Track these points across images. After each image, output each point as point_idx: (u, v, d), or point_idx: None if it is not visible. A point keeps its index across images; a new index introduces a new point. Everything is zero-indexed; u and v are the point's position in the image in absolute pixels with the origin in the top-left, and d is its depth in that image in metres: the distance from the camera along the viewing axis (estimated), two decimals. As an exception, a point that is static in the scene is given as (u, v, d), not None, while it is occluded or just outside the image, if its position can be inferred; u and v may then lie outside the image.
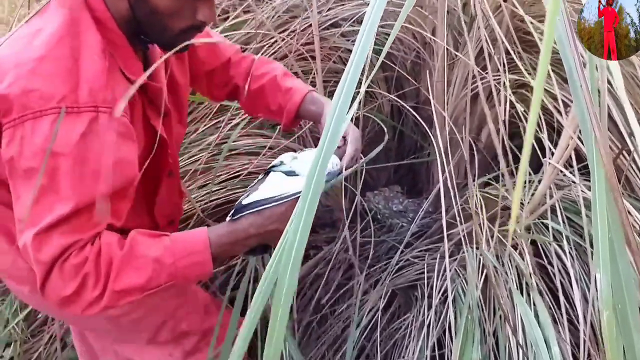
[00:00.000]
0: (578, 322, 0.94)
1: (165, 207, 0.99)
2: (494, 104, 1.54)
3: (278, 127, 1.52)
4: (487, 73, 1.38)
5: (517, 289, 0.98)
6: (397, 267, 1.25)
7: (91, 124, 0.77)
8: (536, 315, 0.86)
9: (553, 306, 1.01)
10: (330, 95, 1.72)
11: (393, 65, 1.68)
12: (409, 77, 1.67)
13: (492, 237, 1.04)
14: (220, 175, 1.47)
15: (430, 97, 1.46)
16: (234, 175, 1.48)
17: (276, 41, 1.54)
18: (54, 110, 0.76)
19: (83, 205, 0.77)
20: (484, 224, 1.04)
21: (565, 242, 1.05)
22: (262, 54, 1.57)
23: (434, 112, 1.43)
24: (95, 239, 0.80)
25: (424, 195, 1.89)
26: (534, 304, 0.90)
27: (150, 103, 0.91)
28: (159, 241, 0.83)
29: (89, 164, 0.77)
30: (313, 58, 1.57)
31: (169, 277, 0.81)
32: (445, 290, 1.06)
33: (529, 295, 0.95)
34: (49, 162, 0.75)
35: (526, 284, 0.98)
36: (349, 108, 0.53)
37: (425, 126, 1.45)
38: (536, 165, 1.25)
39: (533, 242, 1.09)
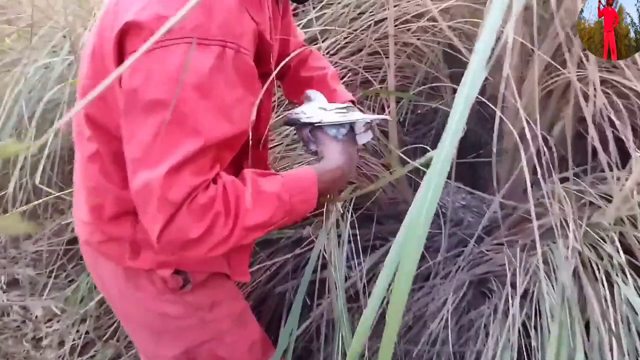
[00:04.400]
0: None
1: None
2: (568, 99, 1.53)
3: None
4: (565, 69, 1.37)
5: (604, 285, 0.99)
6: (470, 260, 1.26)
7: (219, 59, 0.73)
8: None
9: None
10: (399, 90, 1.74)
11: (463, 59, 1.69)
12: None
13: (579, 228, 1.04)
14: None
15: (504, 91, 1.46)
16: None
17: (348, 36, 1.58)
18: (185, 40, 0.71)
19: (210, 142, 0.73)
20: (569, 217, 1.04)
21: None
22: (332, 49, 1.61)
23: (492, 108, 1.44)
24: (216, 179, 0.78)
25: (488, 191, 1.90)
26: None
27: (258, 59, 0.86)
28: (274, 178, 0.83)
29: (216, 99, 0.74)
30: (385, 53, 1.59)
31: (285, 214, 0.82)
32: (527, 286, 1.07)
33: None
34: (179, 94, 0.70)
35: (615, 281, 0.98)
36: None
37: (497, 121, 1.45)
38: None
39: (620, 238, 1.08)
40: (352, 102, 1.13)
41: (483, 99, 1.74)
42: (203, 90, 0.72)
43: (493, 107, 1.62)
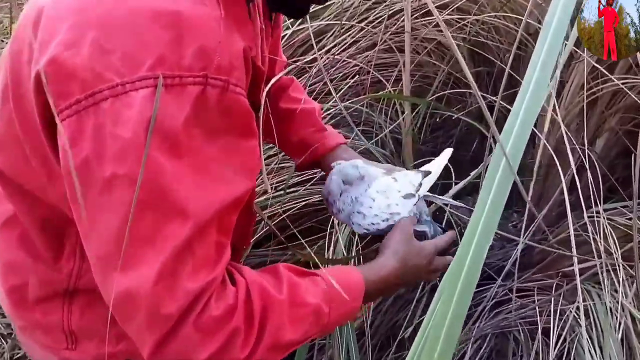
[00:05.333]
0: None
1: (242, 224, 0.72)
2: (615, 109, 1.31)
3: (358, 127, 1.35)
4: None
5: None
6: (492, 302, 1.07)
7: (197, 103, 0.53)
8: None
9: None
10: (415, 92, 1.54)
11: (490, 59, 1.47)
12: (510, 73, 1.46)
13: (630, 281, 0.83)
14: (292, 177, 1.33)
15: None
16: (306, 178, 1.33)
17: (360, 30, 1.37)
18: (144, 83, 0.51)
19: (203, 220, 0.53)
20: (617, 261, 0.84)
21: None
22: (343, 45, 1.41)
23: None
24: (233, 274, 0.59)
25: (512, 209, 1.68)
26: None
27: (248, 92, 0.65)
28: (315, 283, 0.64)
29: (199, 158, 0.54)
30: (400, 50, 1.39)
31: (319, 332, 0.64)
32: (564, 342, 0.87)
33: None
34: (147, 163, 0.50)
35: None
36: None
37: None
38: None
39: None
40: (344, 144, 0.94)
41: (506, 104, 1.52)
42: (179, 150, 0.52)
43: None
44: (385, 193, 0.77)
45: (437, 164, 0.89)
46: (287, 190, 1.23)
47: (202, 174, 0.54)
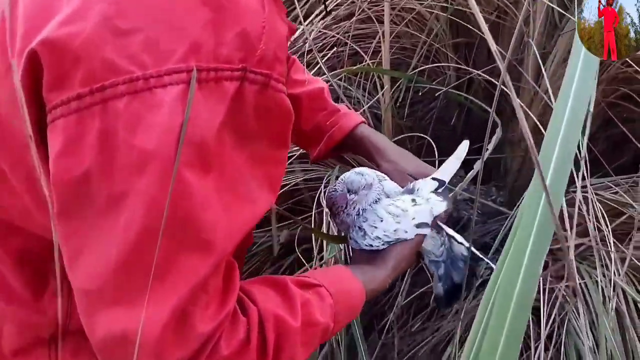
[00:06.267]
0: None
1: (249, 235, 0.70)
2: (597, 81, 1.29)
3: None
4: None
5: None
6: (480, 280, 1.04)
7: (234, 104, 0.43)
8: None
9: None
10: (394, 64, 1.48)
11: (470, 28, 1.42)
12: (487, 43, 1.41)
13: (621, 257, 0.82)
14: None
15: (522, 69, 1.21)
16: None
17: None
18: (174, 77, 0.40)
19: (227, 251, 0.45)
20: (608, 239, 0.82)
21: None
22: (319, 14, 1.33)
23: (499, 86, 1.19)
24: (243, 301, 0.51)
25: (493, 182, 1.67)
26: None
27: None
28: (321, 298, 0.57)
29: (230, 176, 0.44)
30: (379, 20, 1.32)
31: (320, 342, 0.59)
32: (553, 322, 0.86)
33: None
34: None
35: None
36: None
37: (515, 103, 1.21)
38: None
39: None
40: (363, 122, 0.84)
41: (488, 77, 1.49)
42: (209, 163, 0.42)
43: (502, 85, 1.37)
44: (398, 218, 0.68)
45: (454, 161, 0.79)
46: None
47: (229, 190, 0.44)
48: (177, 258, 0.42)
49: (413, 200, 0.70)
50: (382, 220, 0.67)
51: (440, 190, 0.72)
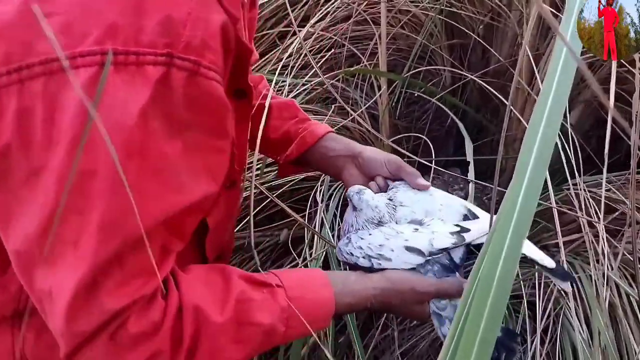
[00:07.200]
0: None
1: (219, 233, 0.64)
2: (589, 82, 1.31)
3: (334, 104, 1.31)
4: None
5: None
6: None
7: (159, 88, 0.44)
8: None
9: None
10: (390, 65, 1.50)
11: (464, 30, 1.44)
12: (483, 45, 1.44)
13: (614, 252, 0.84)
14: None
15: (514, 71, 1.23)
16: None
17: (334, 1, 1.32)
18: (88, 59, 0.42)
19: (138, 235, 0.45)
20: (601, 235, 0.84)
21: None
22: (315, 16, 1.35)
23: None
24: (168, 285, 0.51)
25: (489, 181, 1.69)
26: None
27: (232, 75, 0.57)
28: (274, 297, 0.55)
29: (153, 158, 0.45)
30: (375, 23, 1.34)
31: (270, 347, 0.57)
32: (549, 316, 0.88)
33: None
34: (81, 160, 0.42)
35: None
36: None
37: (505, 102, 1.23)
38: None
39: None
40: (332, 132, 0.82)
41: (481, 81, 1.51)
42: (127, 148, 0.44)
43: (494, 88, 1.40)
44: (389, 236, 0.63)
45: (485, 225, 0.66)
46: (265, 170, 1.18)
47: (151, 176, 0.46)
48: (86, 231, 0.44)
49: (415, 228, 0.65)
50: (370, 235, 0.64)
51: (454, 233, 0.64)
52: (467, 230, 0.64)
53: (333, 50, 1.38)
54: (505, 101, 1.22)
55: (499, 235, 0.31)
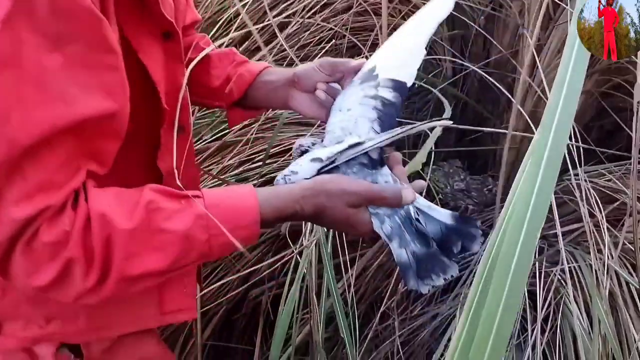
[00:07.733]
0: None
1: (176, 182, 0.63)
2: (590, 72, 1.31)
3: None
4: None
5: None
6: (473, 269, 1.07)
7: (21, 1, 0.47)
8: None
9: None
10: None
11: (465, 21, 1.44)
12: (484, 35, 1.43)
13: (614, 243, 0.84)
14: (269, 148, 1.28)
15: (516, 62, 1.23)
16: (285, 148, 1.29)
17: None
18: None
19: (29, 144, 0.48)
20: (602, 225, 0.85)
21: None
22: (314, 9, 1.35)
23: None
24: (78, 198, 0.53)
25: (489, 172, 1.70)
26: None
27: (142, 9, 0.59)
28: (186, 207, 0.56)
29: (31, 72, 0.49)
30: (376, 13, 1.34)
31: (199, 257, 0.58)
32: (549, 306, 0.88)
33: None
34: None
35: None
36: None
37: (506, 94, 1.23)
38: None
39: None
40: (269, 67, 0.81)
41: (482, 72, 1.51)
42: (0, 55, 0.47)
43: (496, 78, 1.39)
44: (301, 158, 0.67)
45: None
46: (267, 162, 1.19)
47: (30, 90, 0.48)
48: None
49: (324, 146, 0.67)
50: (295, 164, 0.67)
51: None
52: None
53: (334, 41, 1.38)
54: (507, 92, 1.22)
55: (515, 220, 0.32)
